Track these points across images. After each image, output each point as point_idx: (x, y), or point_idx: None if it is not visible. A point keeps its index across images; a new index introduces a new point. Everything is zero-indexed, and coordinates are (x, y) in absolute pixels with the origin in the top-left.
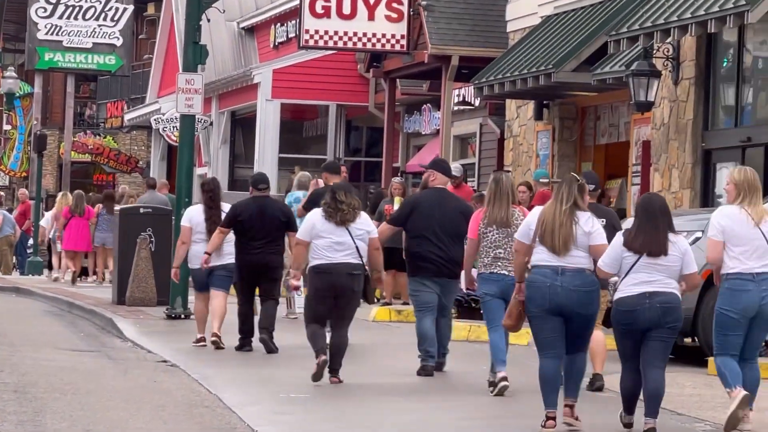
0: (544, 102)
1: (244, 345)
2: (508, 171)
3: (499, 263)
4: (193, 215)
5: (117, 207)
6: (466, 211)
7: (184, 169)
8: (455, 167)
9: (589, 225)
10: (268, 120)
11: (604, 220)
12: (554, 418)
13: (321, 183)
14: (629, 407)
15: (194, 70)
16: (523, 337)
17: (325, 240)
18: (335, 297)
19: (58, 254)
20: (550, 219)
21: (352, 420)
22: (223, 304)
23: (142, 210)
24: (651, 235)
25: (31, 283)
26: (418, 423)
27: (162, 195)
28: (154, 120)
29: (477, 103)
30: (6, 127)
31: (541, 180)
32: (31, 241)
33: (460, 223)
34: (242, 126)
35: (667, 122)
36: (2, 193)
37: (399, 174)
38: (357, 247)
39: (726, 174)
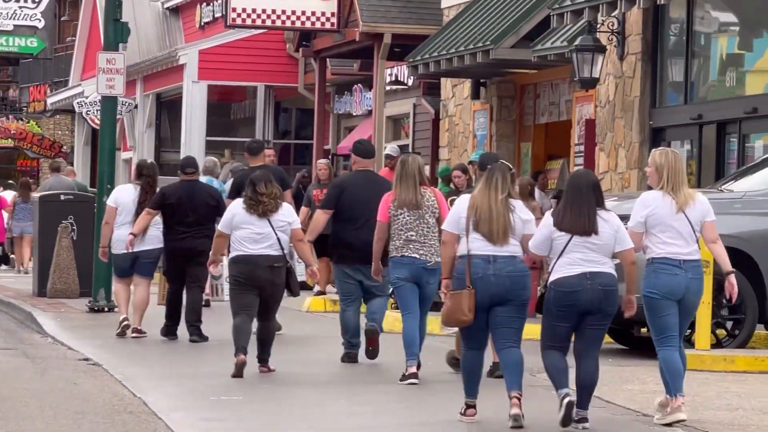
0: (482, 80)
1: (169, 333)
2: (418, 152)
3: (411, 246)
4: (121, 196)
5: (34, 194)
6: None
7: (106, 154)
8: (392, 148)
9: (525, 213)
10: (194, 102)
11: None
12: (474, 407)
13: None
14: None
15: (115, 49)
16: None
17: (245, 231)
18: (258, 288)
19: None
20: (485, 207)
21: (284, 427)
22: (146, 295)
23: (62, 197)
24: (579, 214)
25: None
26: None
27: (68, 179)
28: (77, 103)
29: (410, 82)
30: None
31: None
32: None
33: None
34: (168, 109)
35: (613, 99)
36: None
37: (328, 156)
38: (279, 239)
39: (649, 157)
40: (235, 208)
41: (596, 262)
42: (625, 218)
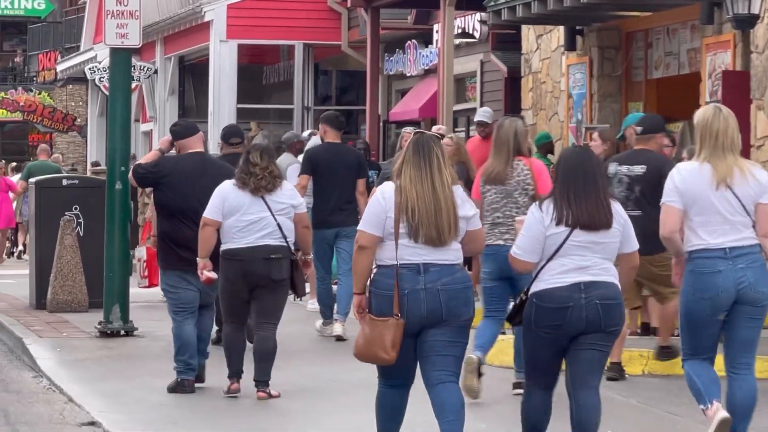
0: (578, 28)
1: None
2: (522, 116)
3: (497, 230)
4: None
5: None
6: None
7: (118, 126)
8: (484, 111)
9: (468, 207)
10: (223, 65)
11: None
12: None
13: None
14: None
15: None
16: None
17: (236, 218)
18: (251, 289)
19: None
20: (422, 200)
21: None
22: None
23: (65, 182)
24: (588, 201)
25: None
26: None
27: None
28: (89, 69)
29: (478, 35)
30: None
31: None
32: None
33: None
34: (192, 73)
35: None
36: None
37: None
38: (279, 225)
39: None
40: (225, 187)
41: (596, 268)
42: None
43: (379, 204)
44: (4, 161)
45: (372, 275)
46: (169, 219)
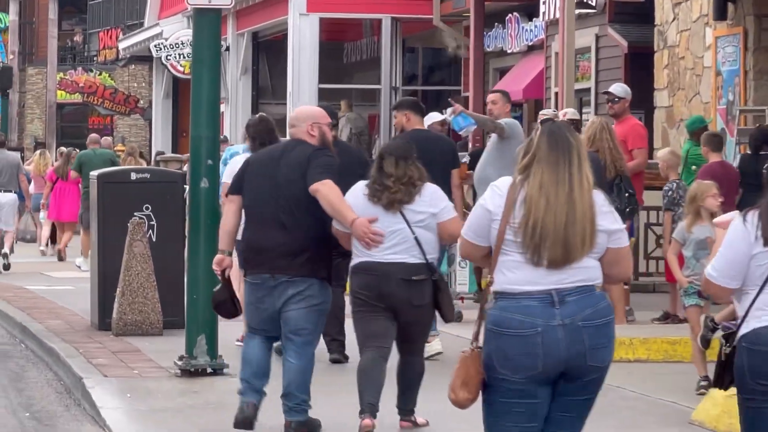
0: None
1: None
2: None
3: None
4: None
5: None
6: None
7: (203, 108)
8: (618, 87)
9: (611, 218)
10: (303, 41)
11: None
12: None
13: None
14: None
15: None
16: None
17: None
18: (390, 311)
19: (41, 225)
20: (551, 212)
21: None
22: None
23: (134, 176)
24: None
25: None
26: None
27: (12, 154)
28: (155, 47)
29: (595, 3)
30: None
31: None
32: None
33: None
34: (268, 51)
35: None
36: None
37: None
38: (417, 240)
39: None
40: (356, 193)
41: None
42: None
43: (483, 207)
44: (64, 149)
45: (485, 306)
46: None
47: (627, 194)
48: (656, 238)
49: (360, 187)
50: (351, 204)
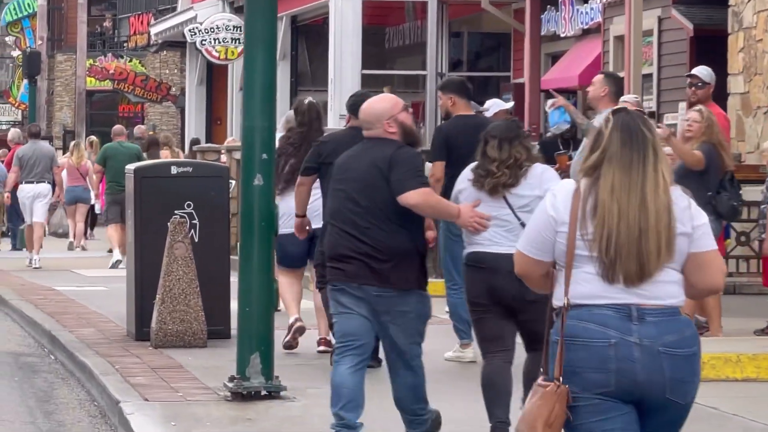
0: None
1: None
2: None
3: None
4: None
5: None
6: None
7: (257, 95)
8: (703, 70)
9: (696, 214)
10: (345, 25)
11: None
12: None
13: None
14: None
15: None
16: None
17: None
18: (507, 309)
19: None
20: (624, 221)
21: None
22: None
23: (174, 170)
24: None
25: (16, 272)
26: None
27: (47, 146)
28: (189, 31)
29: None
30: (14, 53)
31: None
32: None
33: None
34: (307, 35)
35: None
36: None
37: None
38: (524, 226)
39: None
40: (464, 178)
41: None
42: None
43: (545, 213)
44: (94, 138)
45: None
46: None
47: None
48: (736, 236)
49: (466, 173)
50: (459, 189)
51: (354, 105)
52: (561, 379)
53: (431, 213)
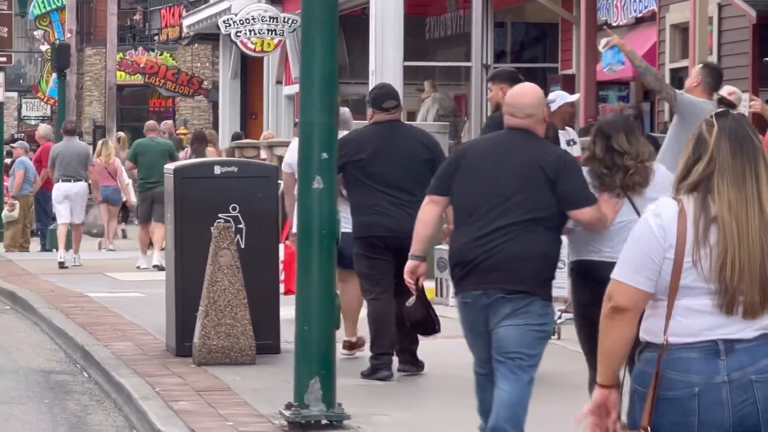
0: None
1: (379, 368)
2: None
3: None
4: None
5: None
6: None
7: (316, 88)
8: None
9: None
10: (386, 14)
11: None
12: None
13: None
14: None
15: None
16: None
17: None
18: None
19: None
20: (744, 243)
21: None
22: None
23: (217, 169)
24: None
25: (46, 275)
26: None
27: (83, 144)
28: (223, 23)
29: None
30: (43, 47)
31: None
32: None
33: None
34: (345, 26)
35: None
36: (26, 144)
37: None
38: None
39: None
40: None
41: None
42: None
43: (653, 235)
44: (121, 134)
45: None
46: None
47: None
48: None
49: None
50: None
51: (376, 99)
52: (649, 430)
53: (596, 225)
